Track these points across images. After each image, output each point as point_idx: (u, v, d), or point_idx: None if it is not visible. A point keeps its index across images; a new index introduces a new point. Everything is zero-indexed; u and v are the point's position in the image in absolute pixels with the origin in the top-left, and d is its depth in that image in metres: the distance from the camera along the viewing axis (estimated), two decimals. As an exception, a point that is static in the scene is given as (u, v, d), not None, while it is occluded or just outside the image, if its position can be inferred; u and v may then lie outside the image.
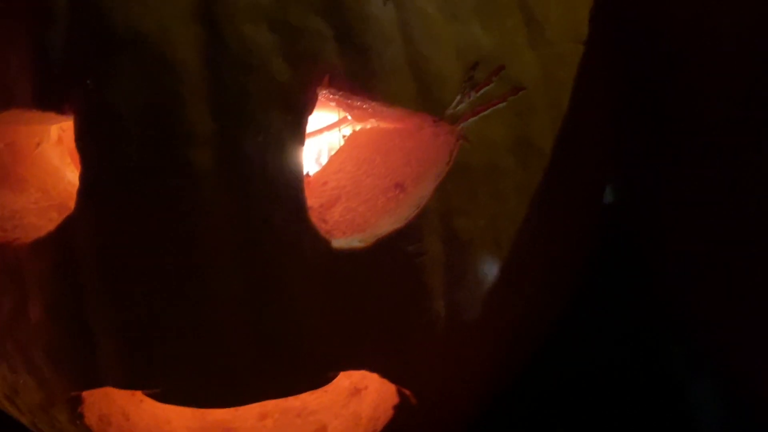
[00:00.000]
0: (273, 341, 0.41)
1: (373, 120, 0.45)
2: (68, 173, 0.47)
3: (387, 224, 0.41)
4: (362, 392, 0.50)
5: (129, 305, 0.41)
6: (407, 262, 0.41)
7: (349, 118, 0.45)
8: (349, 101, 0.41)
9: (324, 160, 0.50)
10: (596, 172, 0.51)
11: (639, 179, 0.57)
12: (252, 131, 0.38)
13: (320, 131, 0.50)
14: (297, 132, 0.39)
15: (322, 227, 0.41)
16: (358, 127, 0.46)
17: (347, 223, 0.42)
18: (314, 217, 0.41)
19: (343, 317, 0.41)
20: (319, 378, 0.44)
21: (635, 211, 0.60)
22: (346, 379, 0.49)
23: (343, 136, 0.48)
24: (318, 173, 0.46)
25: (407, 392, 0.46)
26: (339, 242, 0.40)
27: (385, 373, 0.45)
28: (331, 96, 0.40)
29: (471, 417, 0.53)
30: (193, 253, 0.40)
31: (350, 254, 0.40)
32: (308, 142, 0.42)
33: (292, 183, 0.39)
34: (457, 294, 0.44)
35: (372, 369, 0.44)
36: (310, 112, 0.39)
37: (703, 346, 0.56)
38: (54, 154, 0.47)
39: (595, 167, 0.50)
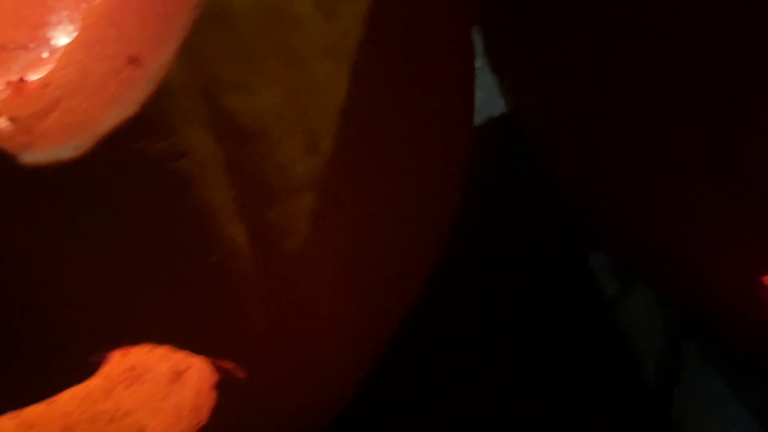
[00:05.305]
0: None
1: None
2: None
3: (112, 117, 0.27)
4: (184, 375, 0.36)
5: None
6: (158, 170, 0.27)
7: None
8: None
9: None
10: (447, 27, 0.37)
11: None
12: None
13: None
14: None
15: (17, 140, 0.26)
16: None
17: (62, 128, 0.27)
18: (17, 131, 0.27)
19: (78, 269, 0.27)
20: (75, 370, 0.29)
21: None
22: (164, 363, 0.36)
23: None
24: (43, 76, 0.32)
25: (227, 364, 0.33)
26: (35, 155, 0.26)
27: (180, 344, 0.31)
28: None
29: (350, 386, 0.40)
30: None
31: (56, 171, 0.26)
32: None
33: None
34: (264, 212, 0.30)
35: (155, 340, 0.30)
36: None
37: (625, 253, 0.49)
38: None
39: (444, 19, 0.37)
